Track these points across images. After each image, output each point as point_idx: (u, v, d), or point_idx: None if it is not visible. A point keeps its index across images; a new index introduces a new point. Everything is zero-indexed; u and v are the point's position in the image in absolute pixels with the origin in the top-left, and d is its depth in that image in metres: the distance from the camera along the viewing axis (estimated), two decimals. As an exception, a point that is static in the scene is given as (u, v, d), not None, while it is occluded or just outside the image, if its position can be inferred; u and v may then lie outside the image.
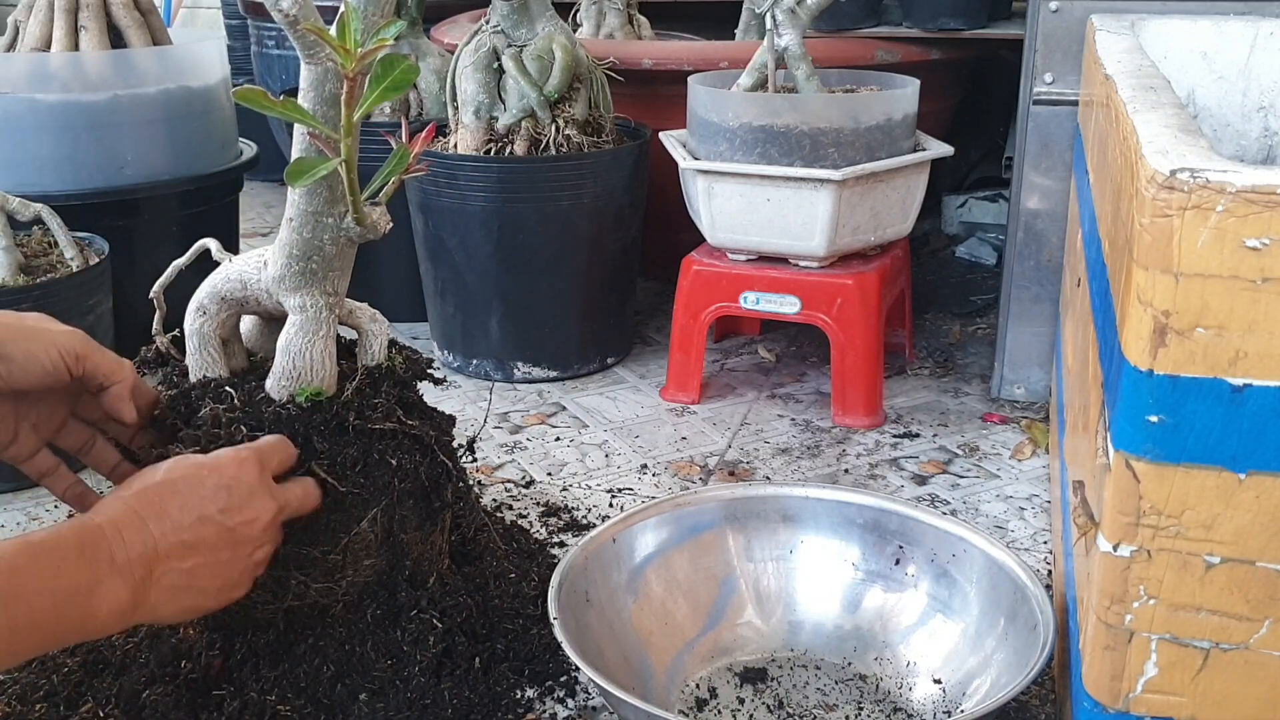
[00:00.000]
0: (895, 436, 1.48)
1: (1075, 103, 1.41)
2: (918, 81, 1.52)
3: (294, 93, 0.87)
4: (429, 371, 0.98)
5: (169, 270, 0.99)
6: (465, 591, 1.00)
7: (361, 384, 0.92)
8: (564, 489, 1.35)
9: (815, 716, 0.96)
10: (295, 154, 0.88)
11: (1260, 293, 0.60)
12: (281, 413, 0.88)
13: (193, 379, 0.93)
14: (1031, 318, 1.53)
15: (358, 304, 0.96)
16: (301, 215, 0.88)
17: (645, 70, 1.84)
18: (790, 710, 0.96)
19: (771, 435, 1.49)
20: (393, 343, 0.98)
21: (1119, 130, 0.77)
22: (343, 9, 0.77)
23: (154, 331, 1.00)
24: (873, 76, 1.60)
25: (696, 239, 1.58)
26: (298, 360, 0.90)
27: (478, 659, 0.96)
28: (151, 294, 0.99)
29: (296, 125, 0.84)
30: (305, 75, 0.84)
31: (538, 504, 1.31)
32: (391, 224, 0.90)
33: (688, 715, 0.95)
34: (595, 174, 1.58)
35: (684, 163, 1.50)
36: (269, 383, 0.91)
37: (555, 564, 1.00)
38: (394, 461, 0.90)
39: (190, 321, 0.93)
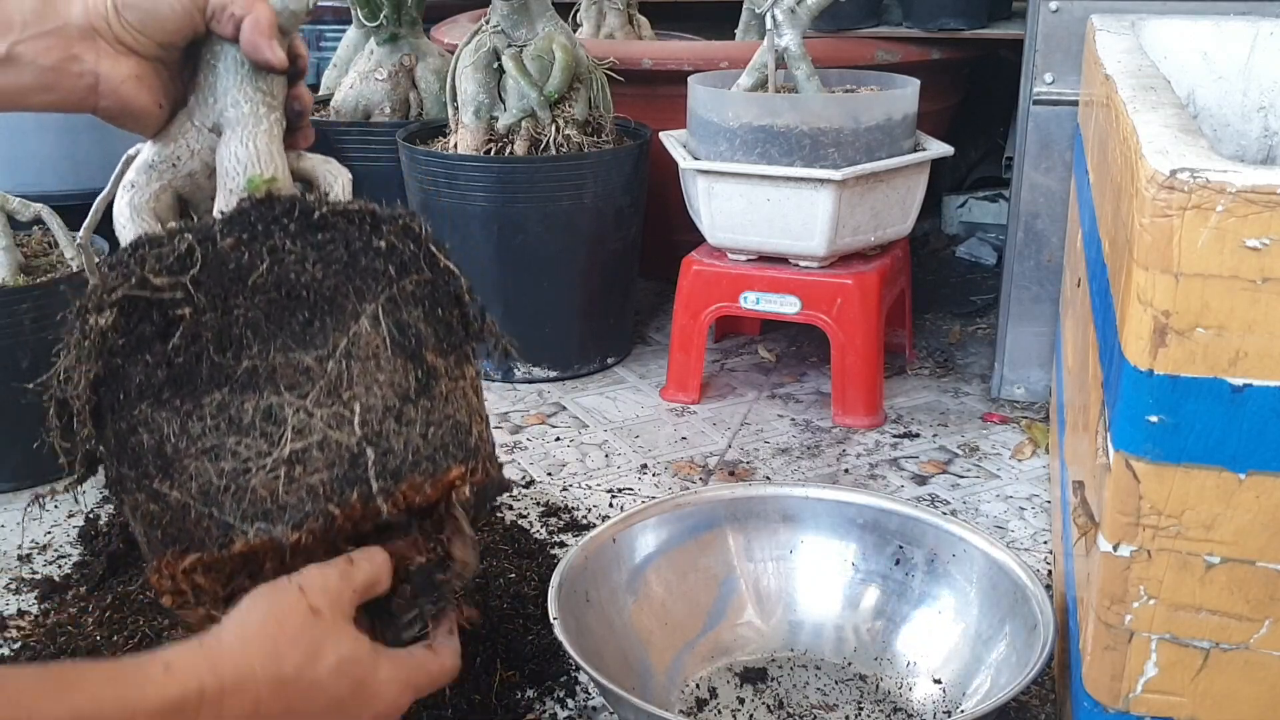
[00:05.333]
0: (895, 436, 1.48)
1: (1075, 103, 1.41)
2: (918, 81, 1.52)
3: None
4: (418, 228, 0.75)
5: (94, 207, 0.84)
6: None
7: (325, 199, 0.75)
8: (564, 489, 1.35)
9: (815, 716, 0.96)
10: None
11: (1260, 293, 0.60)
12: (233, 214, 0.70)
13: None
14: (1031, 318, 1.53)
15: (308, 152, 0.82)
16: None
17: (645, 70, 1.84)
18: (790, 710, 0.96)
19: (771, 435, 1.49)
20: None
21: (1119, 130, 0.77)
22: None
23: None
24: (873, 76, 1.60)
25: (696, 239, 1.58)
26: (240, 152, 0.75)
27: (478, 659, 0.96)
28: (79, 239, 0.84)
29: None
30: None
31: (538, 504, 1.31)
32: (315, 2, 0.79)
33: (688, 715, 0.95)
34: (595, 174, 1.58)
35: (684, 163, 1.50)
36: (216, 205, 0.76)
37: (555, 564, 1.00)
38: (382, 244, 0.71)
39: (119, 199, 0.78)
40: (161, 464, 0.65)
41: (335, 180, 0.80)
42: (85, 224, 0.85)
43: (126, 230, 0.76)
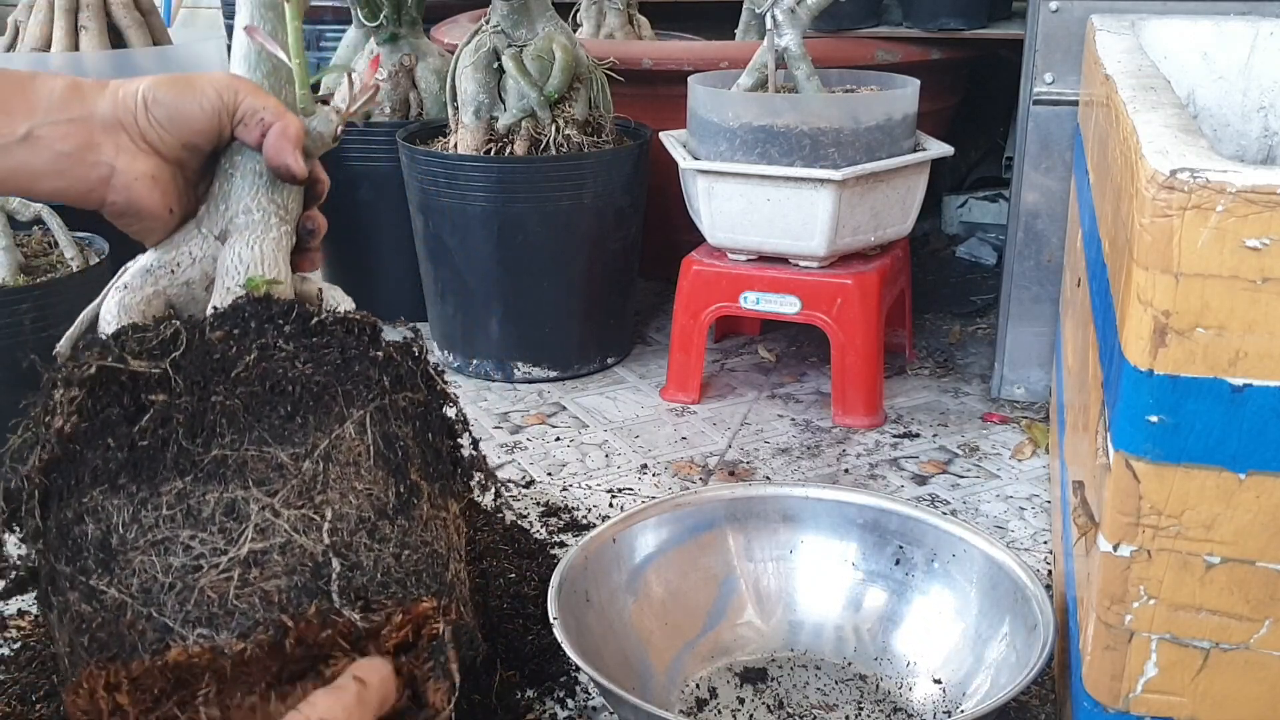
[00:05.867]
0: (895, 436, 1.48)
1: (1075, 103, 1.41)
2: (918, 81, 1.52)
3: None
4: (418, 351, 0.73)
5: (82, 317, 0.78)
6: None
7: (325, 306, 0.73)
8: (564, 489, 1.35)
9: (815, 716, 0.96)
10: (235, 53, 0.80)
11: (1260, 293, 0.60)
12: (226, 310, 0.67)
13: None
14: (1031, 318, 1.53)
15: (310, 277, 0.79)
16: None
17: (645, 70, 1.84)
18: (790, 710, 0.96)
19: (771, 435, 1.49)
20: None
21: (1119, 130, 0.77)
22: None
23: None
24: (873, 76, 1.60)
25: (696, 239, 1.58)
26: (244, 253, 0.71)
27: (478, 659, 0.96)
28: (57, 349, 0.76)
29: (236, 27, 0.78)
30: None
31: (538, 504, 1.31)
32: (342, 129, 0.78)
33: (688, 715, 0.95)
34: (595, 174, 1.58)
35: (684, 163, 1.50)
36: (212, 303, 0.71)
37: (555, 564, 1.00)
38: (379, 354, 0.68)
39: (110, 299, 0.74)
40: (104, 557, 0.59)
41: (337, 308, 0.76)
42: (67, 335, 0.78)
43: (110, 329, 0.71)
